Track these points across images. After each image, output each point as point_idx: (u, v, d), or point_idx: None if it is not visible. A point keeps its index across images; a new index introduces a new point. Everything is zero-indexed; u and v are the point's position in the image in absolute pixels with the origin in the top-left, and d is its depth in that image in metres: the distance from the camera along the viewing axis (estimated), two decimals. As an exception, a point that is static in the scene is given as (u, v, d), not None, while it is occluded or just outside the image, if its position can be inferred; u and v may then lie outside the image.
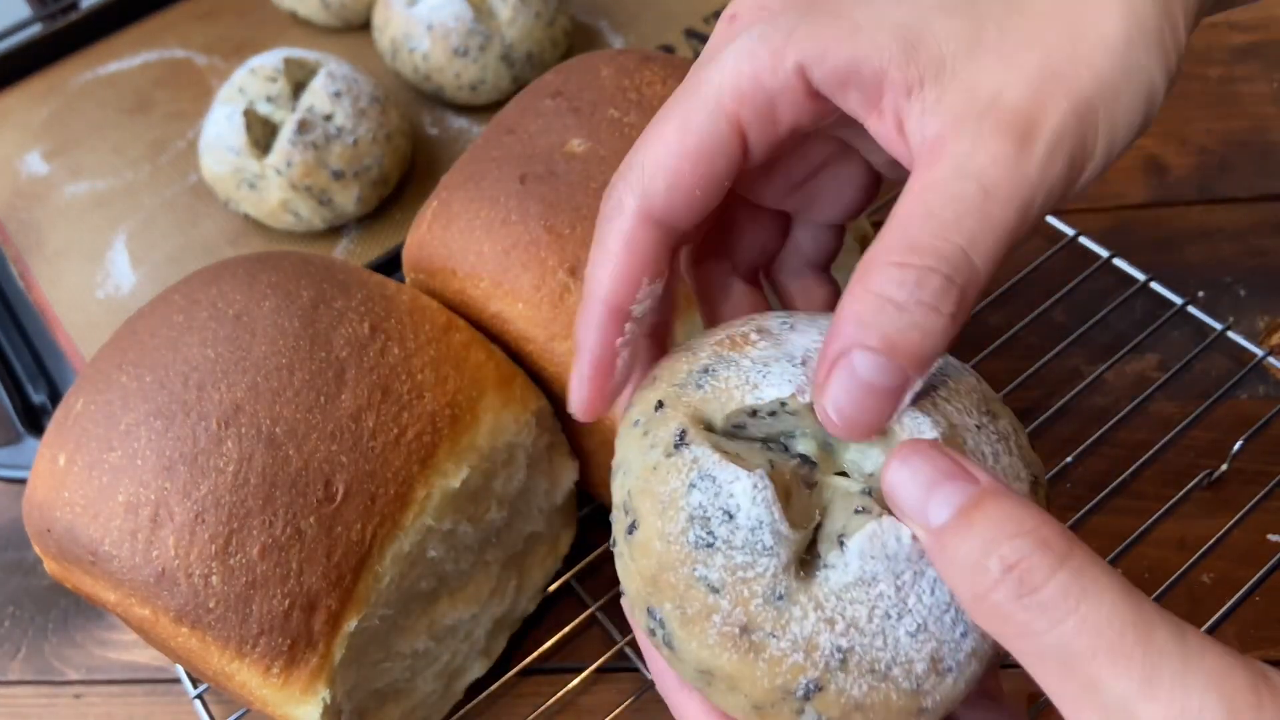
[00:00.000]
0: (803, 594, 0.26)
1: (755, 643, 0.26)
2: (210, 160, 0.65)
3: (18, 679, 0.53)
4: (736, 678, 0.27)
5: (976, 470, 0.24)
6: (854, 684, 0.26)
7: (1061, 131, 0.26)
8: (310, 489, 0.38)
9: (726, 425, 0.28)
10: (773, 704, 0.27)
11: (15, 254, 0.68)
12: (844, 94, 0.29)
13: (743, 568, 0.26)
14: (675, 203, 0.29)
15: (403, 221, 0.67)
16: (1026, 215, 0.26)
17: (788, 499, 0.27)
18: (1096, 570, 0.22)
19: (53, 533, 0.40)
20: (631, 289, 0.30)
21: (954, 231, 0.26)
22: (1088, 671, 0.21)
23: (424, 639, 0.44)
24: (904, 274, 0.26)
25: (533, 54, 0.70)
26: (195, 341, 0.40)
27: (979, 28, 0.28)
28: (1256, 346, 0.54)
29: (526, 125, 0.47)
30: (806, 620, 0.26)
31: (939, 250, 0.26)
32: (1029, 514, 0.23)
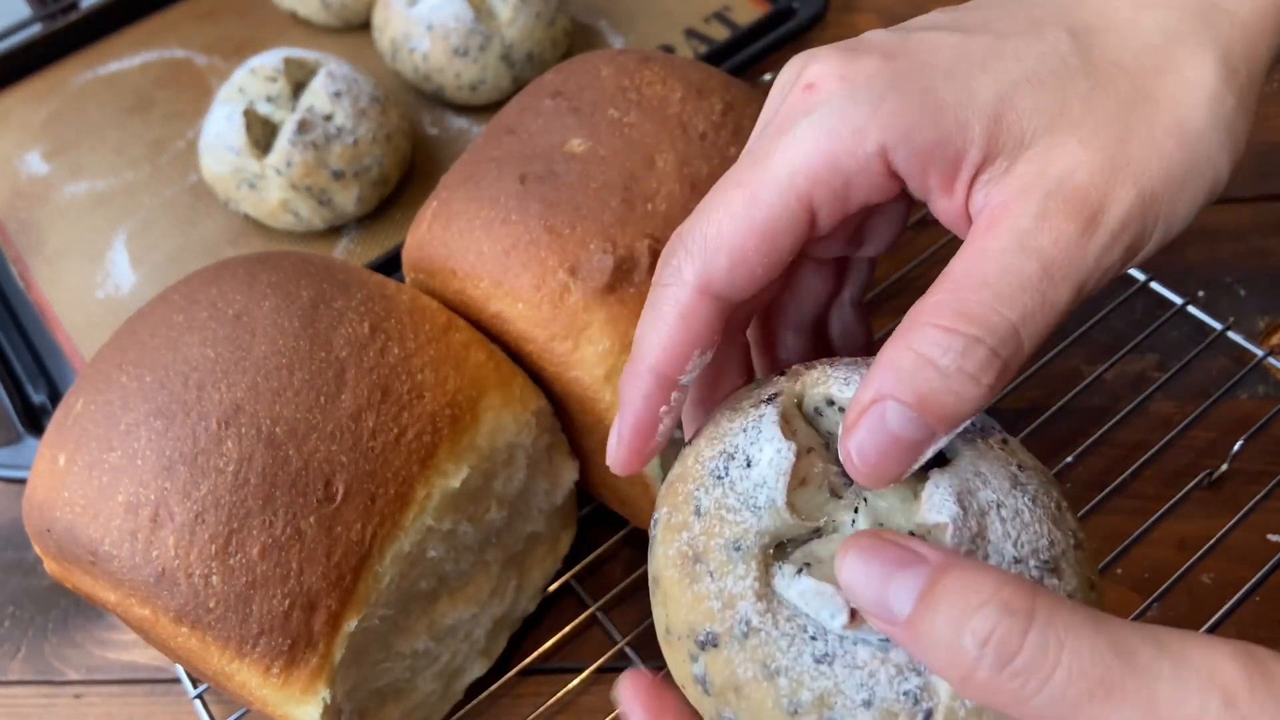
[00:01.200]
0: (755, 563, 0.27)
1: (696, 573, 0.28)
2: (210, 160, 0.65)
3: (18, 679, 0.53)
4: (669, 595, 0.28)
5: (924, 549, 0.24)
6: (744, 664, 0.27)
7: (1126, 220, 0.27)
8: (310, 489, 0.38)
9: (810, 404, 0.30)
10: (678, 636, 0.28)
11: (15, 254, 0.68)
12: (923, 175, 0.28)
13: (728, 509, 0.28)
14: (737, 279, 0.29)
15: (403, 221, 0.67)
16: (1078, 297, 0.27)
17: (802, 485, 0.28)
18: (1064, 613, 0.22)
19: (53, 533, 0.40)
20: (682, 360, 0.30)
21: (1008, 306, 0.26)
22: (1090, 716, 0.21)
23: (424, 639, 0.44)
24: (950, 340, 0.26)
25: (533, 54, 0.70)
26: (195, 341, 0.40)
27: (1063, 103, 0.28)
28: (1256, 346, 0.54)
29: (526, 125, 0.47)
30: (743, 583, 0.27)
31: (989, 323, 0.26)
32: (984, 578, 0.23)
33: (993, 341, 0.26)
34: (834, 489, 0.29)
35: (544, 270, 0.42)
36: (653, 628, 0.49)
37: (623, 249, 0.42)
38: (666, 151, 0.44)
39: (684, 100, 0.46)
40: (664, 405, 0.30)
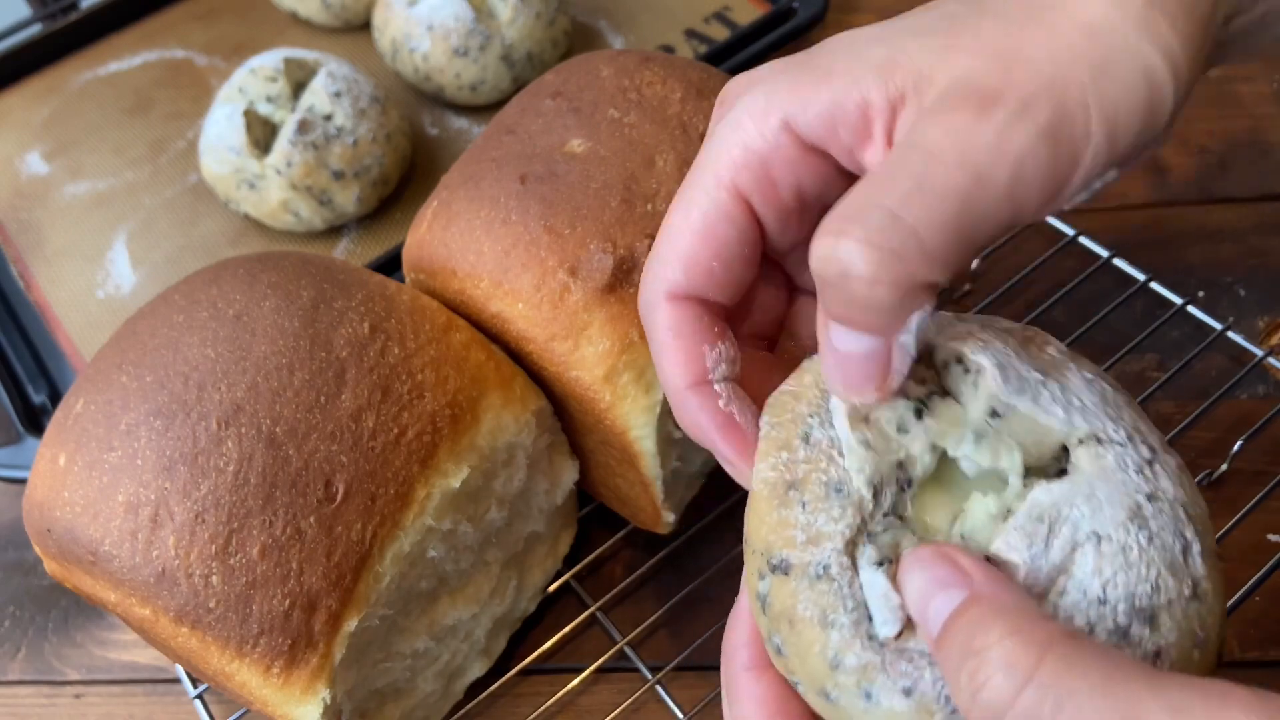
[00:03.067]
0: (852, 511, 0.27)
1: (788, 499, 0.28)
2: (210, 160, 0.65)
3: (18, 679, 0.53)
4: (753, 508, 0.28)
5: (973, 570, 0.24)
6: (807, 601, 0.27)
7: (1028, 101, 0.26)
8: (310, 489, 0.38)
9: (942, 357, 0.29)
10: (754, 550, 0.28)
11: (15, 254, 0.68)
12: (834, 137, 0.29)
13: (838, 449, 0.28)
14: (696, 279, 0.30)
15: (403, 221, 0.67)
16: (984, 182, 0.25)
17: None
18: (1072, 676, 0.21)
19: (53, 533, 0.40)
20: (697, 364, 0.31)
21: (883, 194, 0.25)
22: None
23: (424, 639, 0.44)
24: (827, 245, 0.26)
25: (533, 54, 0.70)
26: (195, 341, 0.40)
27: (953, 36, 0.28)
28: (1256, 346, 0.54)
29: (526, 125, 0.47)
30: (834, 526, 0.27)
31: (861, 216, 0.25)
32: (1000, 623, 0.22)
33: (863, 232, 0.25)
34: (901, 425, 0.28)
35: (544, 270, 0.42)
36: (652, 628, 0.49)
37: (623, 249, 0.42)
38: (666, 151, 0.44)
39: (684, 100, 0.46)
40: (718, 404, 0.31)
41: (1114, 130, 0.26)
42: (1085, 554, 0.26)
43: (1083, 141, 0.26)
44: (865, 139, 0.29)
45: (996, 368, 0.28)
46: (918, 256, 0.25)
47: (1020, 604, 0.23)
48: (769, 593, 0.27)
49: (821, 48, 0.30)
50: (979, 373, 0.28)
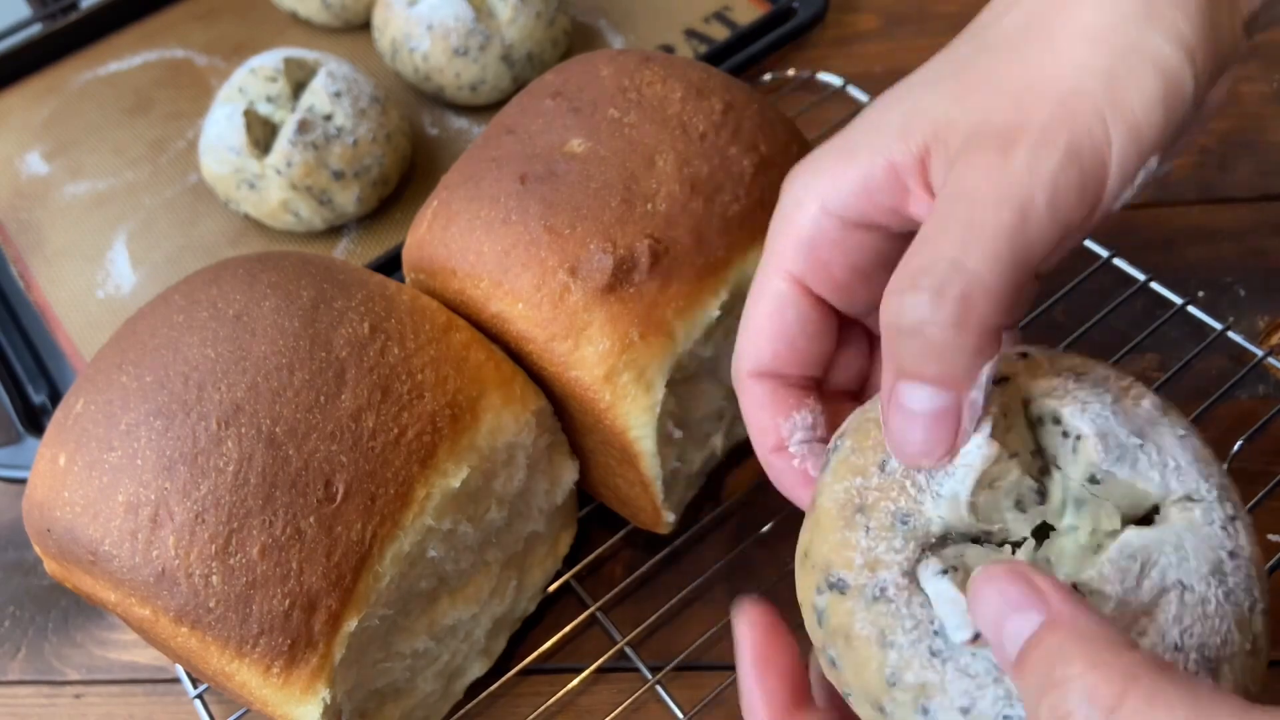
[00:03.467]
0: (914, 544, 0.27)
1: (854, 521, 0.28)
2: (210, 160, 0.65)
3: (18, 679, 0.53)
4: (819, 524, 0.29)
5: (1051, 593, 0.23)
6: (864, 622, 0.27)
7: (1047, 126, 0.27)
8: (310, 489, 0.38)
9: (1037, 412, 0.30)
10: (814, 565, 0.28)
11: (15, 254, 0.68)
12: (874, 206, 0.31)
13: (912, 483, 0.28)
14: (768, 359, 0.34)
15: (403, 221, 0.67)
16: (1027, 212, 0.26)
17: (990, 487, 0.28)
18: (1155, 710, 0.21)
19: (53, 533, 0.40)
20: (775, 433, 0.34)
21: (939, 245, 0.27)
22: None
23: (424, 639, 0.44)
24: (897, 301, 0.27)
25: (533, 54, 0.70)
26: (195, 341, 0.40)
27: (963, 80, 0.29)
28: (1256, 346, 0.54)
29: (526, 125, 0.47)
30: (894, 555, 0.27)
31: (925, 267, 0.27)
32: (1080, 650, 0.22)
33: (931, 282, 0.26)
34: (1020, 501, 0.28)
35: (544, 270, 0.42)
36: (652, 628, 0.49)
37: (623, 249, 0.42)
38: (666, 151, 0.44)
39: (684, 100, 0.46)
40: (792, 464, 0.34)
41: (1136, 129, 0.27)
42: (1170, 600, 0.26)
43: (1106, 149, 0.27)
44: (904, 196, 0.30)
45: (1098, 437, 0.28)
46: (984, 297, 0.26)
47: (1102, 631, 0.23)
48: (826, 608, 0.28)
49: (851, 126, 0.32)
50: (1079, 439, 0.28)
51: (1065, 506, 0.28)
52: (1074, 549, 0.28)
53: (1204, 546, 0.27)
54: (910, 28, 0.74)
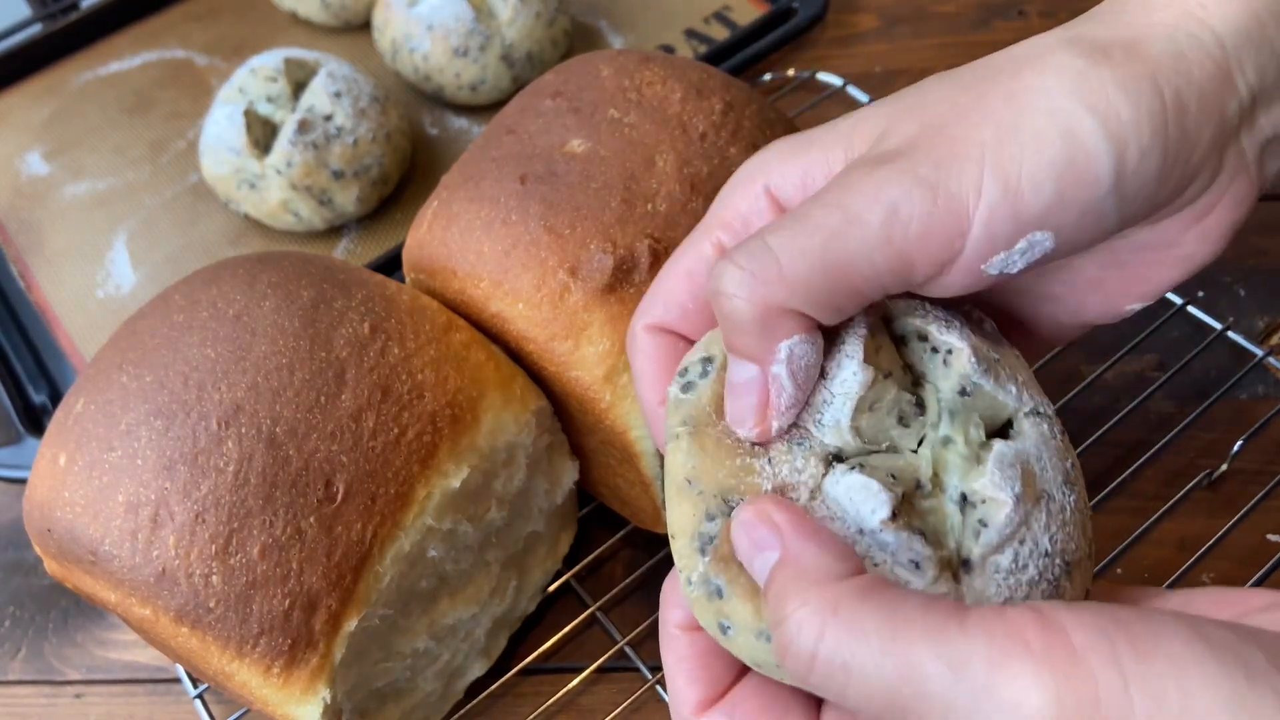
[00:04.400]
0: (815, 460, 0.28)
1: (751, 448, 0.28)
2: (210, 160, 0.65)
3: (18, 679, 0.53)
4: (707, 449, 0.29)
5: (785, 527, 0.25)
6: None
7: (918, 157, 0.27)
8: (310, 489, 0.38)
9: (901, 329, 0.31)
10: (700, 492, 0.28)
11: (15, 254, 0.68)
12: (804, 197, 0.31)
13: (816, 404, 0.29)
14: (671, 314, 0.33)
15: (403, 221, 0.67)
16: (855, 221, 0.26)
17: (871, 410, 0.29)
18: (853, 640, 0.22)
19: (53, 532, 0.40)
20: (661, 389, 0.33)
21: (767, 229, 0.28)
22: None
23: (424, 639, 0.44)
24: (713, 270, 0.28)
25: (533, 54, 0.70)
26: (195, 341, 0.40)
27: (911, 104, 0.29)
28: (1256, 346, 0.54)
29: (526, 125, 0.47)
30: (799, 476, 0.28)
31: (749, 243, 0.28)
32: (798, 588, 0.24)
33: (744, 257, 0.27)
34: (903, 416, 0.29)
35: (544, 270, 0.42)
36: (652, 628, 0.49)
37: (623, 249, 0.42)
38: (666, 152, 0.44)
39: (684, 100, 0.46)
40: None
41: (1014, 185, 0.26)
42: (1041, 511, 0.28)
43: (973, 194, 0.26)
44: None
45: (971, 349, 0.29)
46: (776, 280, 0.27)
47: (820, 563, 0.24)
48: (718, 534, 0.27)
49: (828, 123, 0.33)
50: (950, 352, 0.29)
51: (940, 417, 0.29)
52: (957, 460, 0.28)
53: (1055, 457, 0.29)
54: (909, 28, 0.74)
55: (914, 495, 0.28)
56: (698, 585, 0.27)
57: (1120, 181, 0.26)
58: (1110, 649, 0.20)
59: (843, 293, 0.27)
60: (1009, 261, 0.27)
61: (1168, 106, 0.26)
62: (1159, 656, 0.20)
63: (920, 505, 0.28)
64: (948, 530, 0.27)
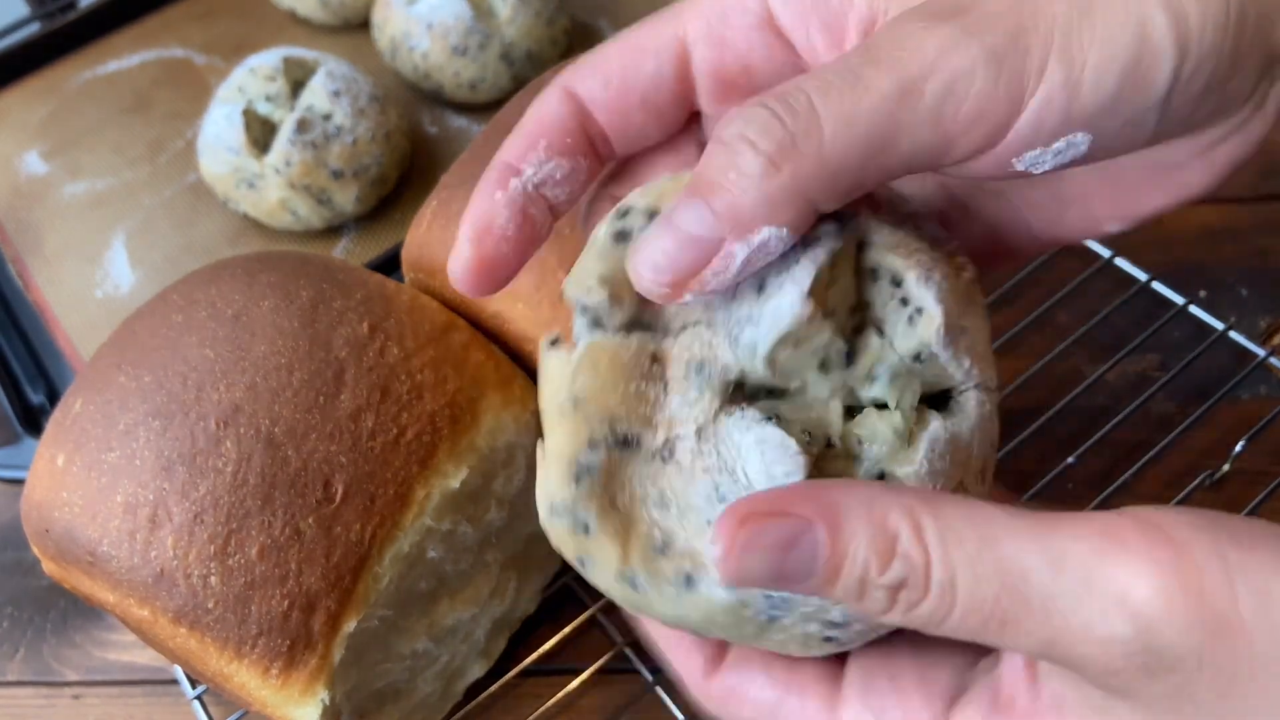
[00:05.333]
0: (710, 394, 0.24)
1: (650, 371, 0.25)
2: (209, 160, 0.65)
3: (16, 679, 0.53)
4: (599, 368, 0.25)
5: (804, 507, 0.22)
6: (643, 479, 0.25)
7: (990, 17, 0.23)
8: (309, 489, 0.38)
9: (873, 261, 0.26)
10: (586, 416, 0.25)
11: (14, 254, 0.68)
12: (806, 29, 0.26)
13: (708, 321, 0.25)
14: (594, 89, 0.27)
15: (402, 221, 0.67)
16: (911, 91, 0.22)
17: (796, 346, 0.25)
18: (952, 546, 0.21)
19: (51, 533, 0.40)
20: (525, 149, 0.27)
21: (808, 79, 0.23)
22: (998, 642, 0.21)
23: (423, 640, 0.44)
24: (738, 113, 0.23)
25: (532, 53, 0.70)
26: (194, 342, 0.40)
27: None
28: (1258, 346, 0.54)
29: (526, 124, 0.47)
30: (688, 410, 0.24)
31: (781, 91, 0.23)
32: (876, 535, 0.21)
33: (779, 106, 0.22)
34: (825, 362, 0.25)
35: (544, 270, 0.42)
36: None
37: (623, 249, 0.42)
38: (667, 151, 0.44)
39: (684, 99, 0.46)
40: (499, 190, 0.27)
41: (1076, 76, 0.23)
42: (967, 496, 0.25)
43: (1034, 77, 0.23)
44: (835, 45, 0.26)
45: (944, 317, 0.25)
46: (814, 153, 0.22)
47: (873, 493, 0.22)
48: (597, 465, 0.24)
49: None
50: (920, 314, 0.25)
51: (874, 376, 0.26)
52: (887, 433, 0.25)
53: (986, 443, 0.26)
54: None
55: (822, 455, 0.25)
56: (562, 515, 0.24)
57: (1170, 94, 0.24)
58: (1212, 543, 0.20)
59: (870, 173, 0.23)
60: (1039, 160, 0.24)
61: (1231, 19, 0.23)
62: (1261, 549, 0.20)
63: (826, 468, 0.25)
64: None
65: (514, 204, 0.27)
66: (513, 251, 0.27)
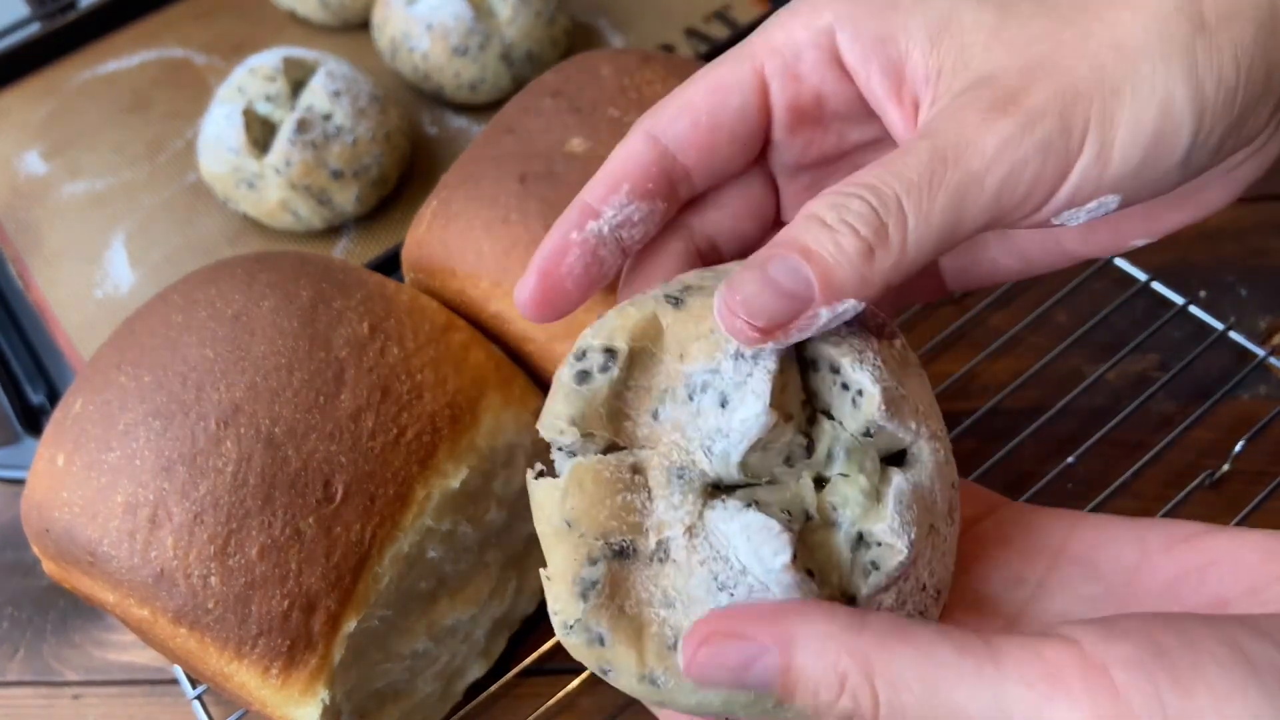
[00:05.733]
0: (693, 496, 0.26)
1: (633, 483, 0.27)
2: (209, 160, 0.65)
3: (16, 680, 0.53)
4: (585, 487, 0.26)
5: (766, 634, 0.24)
6: (646, 582, 0.26)
7: (1039, 111, 0.26)
8: (309, 489, 0.38)
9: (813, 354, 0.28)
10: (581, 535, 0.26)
11: (14, 254, 0.68)
12: (867, 71, 0.29)
13: (684, 435, 0.27)
14: (681, 130, 0.30)
15: (402, 221, 0.67)
16: (975, 184, 0.25)
17: (763, 450, 0.27)
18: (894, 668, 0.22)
19: (51, 533, 0.40)
20: (607, 191, 0.30)
21: (893, 177, 0.25)
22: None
23: (423, 640, 0.44)
24: (834, 199, 0.26)
25: (532, 53, 0.70)
26: (194, 341, 0.40)
27: (1003, 22, 0.27)
28: (1258, 346, 0.54)
29: (526, 125, 0.47)
30: (675, 513, 0.26)
31: (872, 185, 0.25)
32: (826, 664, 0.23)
33: (874, 199, 0.25)
34: (789, 458, 0.28)
35: (544, 270, 0.42)
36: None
37: (623, 249, 0.42)
38: (667, 151, 0.44)
39: (684, 99, 0.46)
40: (575, 230, 0.30)
41: (1106, 154, 0.26)
42: (928, 544, 0.27)
43: (1075, 155, 0.26)
44: (893, 95, 0.29)
45: (883, 394, 0.27)
46: (902, 241, 0.25)
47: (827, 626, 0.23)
48: (600, 579, 0.26)
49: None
50: (860, 393, 0.27)
51: (832, 456, 0.28)
52: (856, 496, 0.27)
53: (945, 485, 0.28)
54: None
55: (804, 529, 0.27)
56: (577, 632, 0.26)
57: (1190, 153, 0.26)
58: (1153, 688, 0.20)
59: (938, 253, 0.26)
60: (1074, 216, 0.27)
61: (1241, 82, 0.26)
62: (1200, 689, 0.20)
63: (809, 540, 0.27)
64: (833, 565, 0.26)
65: (586, 245, 0.30)
66: (576, 289, 0.30)
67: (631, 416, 0.28)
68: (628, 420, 0.28)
